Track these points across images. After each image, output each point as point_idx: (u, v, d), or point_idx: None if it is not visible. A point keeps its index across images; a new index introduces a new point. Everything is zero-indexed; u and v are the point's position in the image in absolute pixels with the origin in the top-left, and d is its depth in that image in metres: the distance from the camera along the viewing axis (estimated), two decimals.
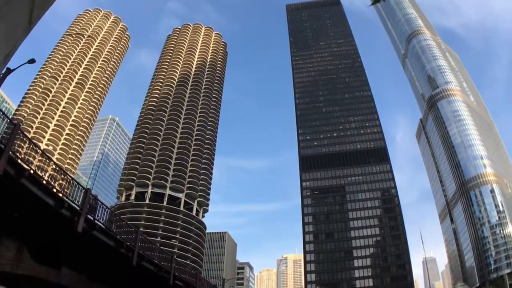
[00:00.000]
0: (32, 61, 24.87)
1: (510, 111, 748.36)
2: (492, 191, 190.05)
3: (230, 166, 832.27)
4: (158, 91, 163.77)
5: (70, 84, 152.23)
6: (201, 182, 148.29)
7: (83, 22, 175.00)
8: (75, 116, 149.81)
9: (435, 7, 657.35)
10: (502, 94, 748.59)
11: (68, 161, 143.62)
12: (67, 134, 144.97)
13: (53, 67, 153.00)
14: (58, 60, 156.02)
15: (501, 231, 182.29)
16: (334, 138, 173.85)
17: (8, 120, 16.10)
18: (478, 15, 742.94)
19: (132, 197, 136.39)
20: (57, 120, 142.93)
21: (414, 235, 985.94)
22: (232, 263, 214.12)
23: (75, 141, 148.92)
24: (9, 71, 20.93)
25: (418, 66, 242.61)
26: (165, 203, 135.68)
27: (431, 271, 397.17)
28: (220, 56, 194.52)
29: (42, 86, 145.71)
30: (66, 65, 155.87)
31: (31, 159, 20.68)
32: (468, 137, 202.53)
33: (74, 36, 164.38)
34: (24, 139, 16.78)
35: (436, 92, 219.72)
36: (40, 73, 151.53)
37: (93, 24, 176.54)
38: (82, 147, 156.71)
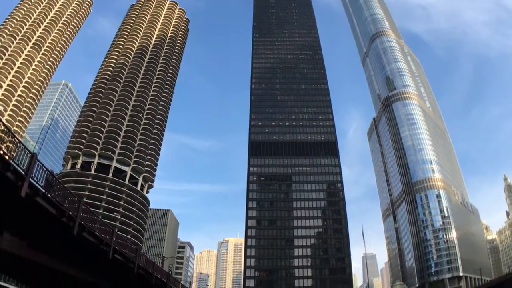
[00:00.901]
0: None
1: (464, 122, 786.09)
2: (438, 196, 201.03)
3: (180, 144, 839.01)
4: (114, 61, 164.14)
5: (27, 45, 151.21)
6: (148, 157, 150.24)
7: None
8: (28, 77, 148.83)
9: (405, 10, 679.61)
10: (459, 104, 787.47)
11: (17, 123, 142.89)
12: (18, 95, 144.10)
13: (12, 26, 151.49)
14: (18, 19, 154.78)
15: (444, 236, 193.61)
16: (286, 127, 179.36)
17: None
18: (447, 24, 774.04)
19: (78, 166, 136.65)
20: (10, 81, 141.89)
21: (356, 230, 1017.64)
22: (173, 241, 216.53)
23: (26, 104, 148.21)
24: None
25: (378, 66, 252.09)
26: (110, 175, 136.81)
27: (370, 267, 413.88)
28: (181, 32, 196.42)
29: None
30: (25, 25, 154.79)
31: None
32: (419, 141, 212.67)
33: None
34: None
35: (393, 93, 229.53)
36: None
37: None
38: (32, 110, 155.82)
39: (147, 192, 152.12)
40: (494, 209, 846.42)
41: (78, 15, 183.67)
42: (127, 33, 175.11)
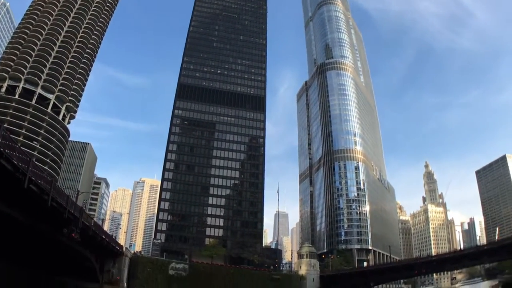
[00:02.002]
0: None
1: (396, 104, 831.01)
2: (357, 168, 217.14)
3: (109, 77, 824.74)
4: None
5: None
6: (74, 86, 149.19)
7: None
8: None
9: None
10: (394, 86, 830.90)
11: None
12: None
13: None
14: None
15: (358, 207, 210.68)
16: (217, 74, 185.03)
17: None
18: (399, 7, 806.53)
19: (3, 89, 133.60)
20: None
21: (272, 188, 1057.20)
22: (89, 176, 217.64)
23: None
24: None
25: (320, 32, 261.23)
26: (33, 102, 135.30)
27: (282, 225, 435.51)
28: None
29: None
30: None
31: None
32: (346, 112, 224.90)
33: None
34: None
35: (329, 61, 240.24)
36: None
37: None
38: None
39: (69, 123, 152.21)
40: (411, 192, 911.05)
41: None
42: None
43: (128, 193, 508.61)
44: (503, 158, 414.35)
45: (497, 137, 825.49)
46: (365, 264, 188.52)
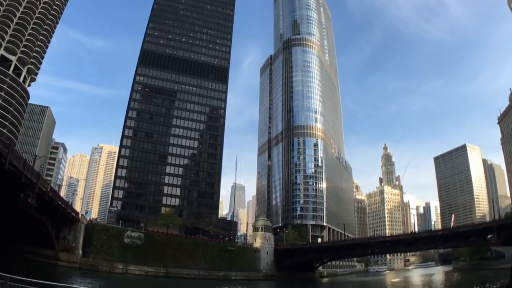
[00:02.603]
0: None
1: (360, 85, 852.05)
2: (316, 145, 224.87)
3: (72, 40, 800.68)
4: None
5: None
6: (36, 49, 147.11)
7: None
8: None
9: None
10: (358, 67, 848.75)
11: None
12: None
13: None
14: None
15: (314, 184, 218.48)
16: (181, 42, 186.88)
17: None
18: None
19: None
20: None
21: (230, 159, 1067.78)
22: (47, 141, 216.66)
23: None
24: None
25: (289, 7, 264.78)
26: None
27: (238, 197, 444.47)
28: None
29: None
30: None
31: None
32: (309, 89, 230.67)
33: None
34: None
35: (296, 37, 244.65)
36: None
37: None
38: None
39: (29, 85, 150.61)
40: (369, 173, 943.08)
41: None
42: None
43: (85, 159, 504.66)
44: (463, 147, 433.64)
45: (458, 126, 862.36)
46: (319, 240, 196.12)
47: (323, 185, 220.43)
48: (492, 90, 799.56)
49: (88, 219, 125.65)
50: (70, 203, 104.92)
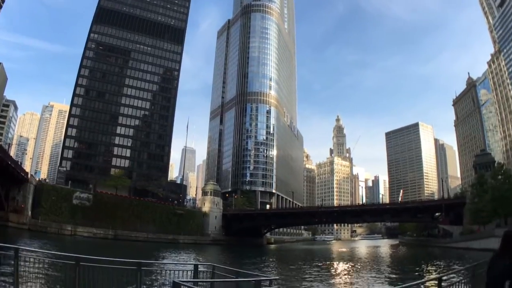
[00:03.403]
0: None
1: (317, 55, 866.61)
2: (268, 112, 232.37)
3: None
4: None
5: None
6: None
7: None
8: None
9: None
10: (317, 38, 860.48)
11: None
12: None
13: None
14: None
15: (265, 151, 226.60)
16: (139, 1, 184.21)
17: None
18: None
19: None
20: None
21: (182, 122, 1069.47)
22: None
23: None
24: None
25: None
26: None
27: (188, 161, 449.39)
28: None
29: None
30: None
31: None
32: (265, 56, 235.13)
33: None
34: None
35: (256, 3, 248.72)
36: None
37: None
38: None
39: None
40: (320, 143, 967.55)
41: None
42: None
43: (36, 118, 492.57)
44: (416, 125, 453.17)
45: (413, 105, 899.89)
46: (267, 207, 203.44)
47: (274, 152, 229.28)
48: (450, 73, 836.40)
49: (38, 179, 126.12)
50: (19, 163, 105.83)
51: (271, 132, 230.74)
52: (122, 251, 65.69)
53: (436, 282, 10.11)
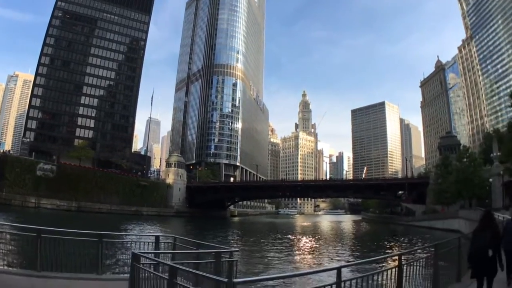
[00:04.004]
0: None
1: (286, 30, 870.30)
2: (235, 84, 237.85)
3: None
4: None
5: None
6: None
7: None
8: None
9: None
10: (286, 12, 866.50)
11: None
12: None
13: None
14: None
15: (230, 124, 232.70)
16: None
17: None
18: None
19: None
20: None
21: (147, 93, 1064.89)
22: None
23: None
24: None
25: None
26: None
27: (153, 132, 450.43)
28: None
29: None
30: None
31: None
32: (234, 28, 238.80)
33: None
34: None
35: None
36: None
37: None
38: None
39: None
40: (286, 117, 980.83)
41: None
42: None
43: (0, 88, 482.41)
44: (382, 104, 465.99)
45: (380, 84, 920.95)
46: (231, 179, 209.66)
47: (239, 125, 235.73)
48: (419, 55, 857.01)
49: (2, 151, 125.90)
50: None
51: (237, 105, 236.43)
52: (85, 223, 66.16)
53: (397, 258, 10.18)
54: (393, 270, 9.81)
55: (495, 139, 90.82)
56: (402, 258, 10.21)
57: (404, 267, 10.18)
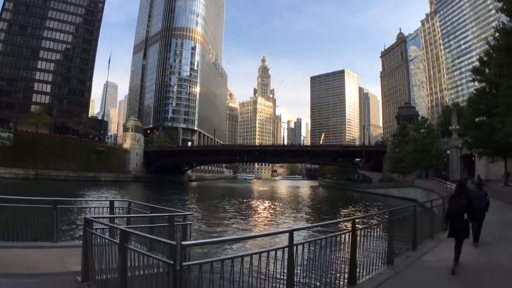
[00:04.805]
0: None
1: None
2: (194, 48, 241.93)
3: None
4: None
5: None
6: None
7: None
8: None
9: None
10: None
11: None
12: None
13: None
14: None
15: (188, 88, 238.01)
16: None
17: None
18: None
19: None
20: None
21: (106, 56, 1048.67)
22: None
23: None
24: None
25: None
26: None
27: (110, 96, 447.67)
28: None
29: None
30: None
31: None
32: None
33: None
34: None
35: None
36: None
37: None
38: None
39: None
40: (245, 82, 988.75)
41: None
42: None
43: None
44: (342, 72, 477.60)
45: (340, 53, 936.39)
46: (189, 144, 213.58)
47: (197, 89, 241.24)
48: (381, 26, 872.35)
49: None
50: None
51: (195, 69, 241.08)
52: (42, 190, 63.77)
53: (350, 223, 10.18)
54: (347, 234, 9.96)
55: (454, 112, 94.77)
56: (356, 222, 10.40)
57: (358, 232, 10.38)
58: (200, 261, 5.99)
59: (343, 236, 9.86)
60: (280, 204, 70.72)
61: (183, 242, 5.86)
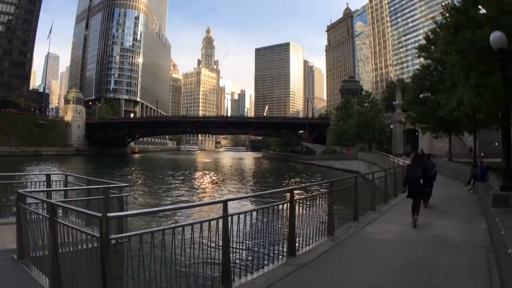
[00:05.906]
0: None
1: None
2: (137, 18, 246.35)
3: None
4: None
5: None
6: None
7: None
8: None
9: None
10: None
11: None
12: None
13: None
14: None
15: (131, 58, 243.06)
16: None
17: None
18: None
19: None
20: None
21: (48, 27, 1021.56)
22: None
23: None
24: None
25: None
26: None
27: (52, 68, 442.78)
28: None
29: None
30: None
31: None
32: None
33: None
34: None
35: None
36: None
37: None
38: None
39: None
40: (189, 53, 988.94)
41: None
42: None
43: None
44: (287, 45, 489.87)
45: (286, 26, 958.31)
46: (132, 115, 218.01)
47: (140, 60, 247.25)
48: (328, 0, 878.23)
49: None
50: None
51: (138, 39, 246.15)
52: None
53: (289, 193, 9.84)
54: (285, 205, 9.79)
55: (398, 87, 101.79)
56: (294, 193, 10.18)
57: (297, 202, 10.23)
58: (128, 234, 6.06)
59: (280, 206, 9.82)
60: (223, 176, 73.85)
61: (109, 214, 5.55)
